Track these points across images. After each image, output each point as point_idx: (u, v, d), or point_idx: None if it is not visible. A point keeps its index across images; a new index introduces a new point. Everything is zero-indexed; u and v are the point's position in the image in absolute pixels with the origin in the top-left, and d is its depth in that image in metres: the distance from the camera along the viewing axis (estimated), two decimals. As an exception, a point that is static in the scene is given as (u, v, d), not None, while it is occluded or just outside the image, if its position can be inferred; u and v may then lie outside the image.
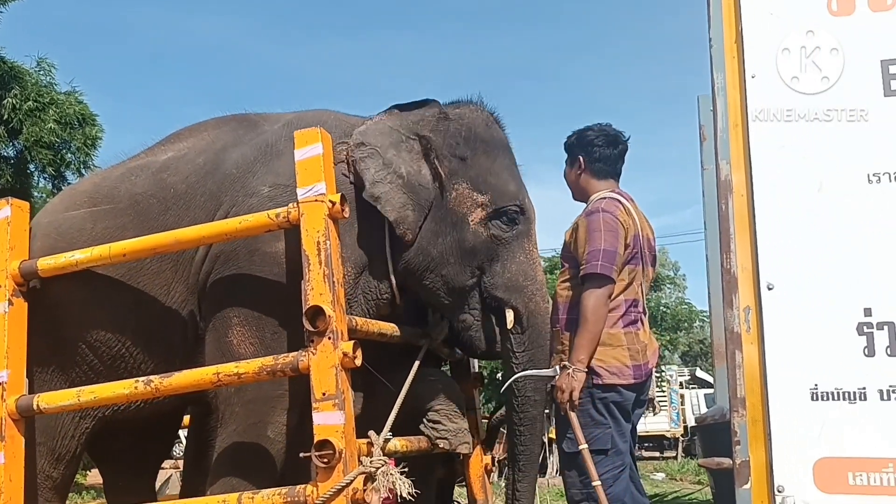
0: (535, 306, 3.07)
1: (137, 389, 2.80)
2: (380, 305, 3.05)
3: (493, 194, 3.02)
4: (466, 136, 3.08)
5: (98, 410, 3.19)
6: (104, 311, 3.15)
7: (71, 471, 3.30)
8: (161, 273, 3.08)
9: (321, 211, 2.64)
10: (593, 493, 2.83)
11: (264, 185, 2.97)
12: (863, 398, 1.98)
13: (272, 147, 3.08)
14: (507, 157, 3.18)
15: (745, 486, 2.03)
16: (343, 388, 2.55)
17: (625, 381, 2.94)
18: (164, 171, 3.23)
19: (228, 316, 2.92)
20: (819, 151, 2.10)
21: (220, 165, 3.12)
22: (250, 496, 2.61)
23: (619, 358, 2.94)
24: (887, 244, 2.02)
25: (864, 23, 2.14)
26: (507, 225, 3.04)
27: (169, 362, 3.08)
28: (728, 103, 2.19)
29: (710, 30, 2.21)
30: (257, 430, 2.86)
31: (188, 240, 2.87)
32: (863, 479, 1.95)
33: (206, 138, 3.32)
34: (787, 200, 2.09)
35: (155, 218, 3.11)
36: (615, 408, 2.95)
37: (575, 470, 2.93)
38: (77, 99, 11.33)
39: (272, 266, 2.89)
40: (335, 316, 2.57)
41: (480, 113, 3.20)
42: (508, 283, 3.04)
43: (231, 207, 2.99)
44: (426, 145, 3.03)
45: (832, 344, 2.01)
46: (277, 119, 3.30)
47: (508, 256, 3.05)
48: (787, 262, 2.06)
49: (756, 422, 2.04)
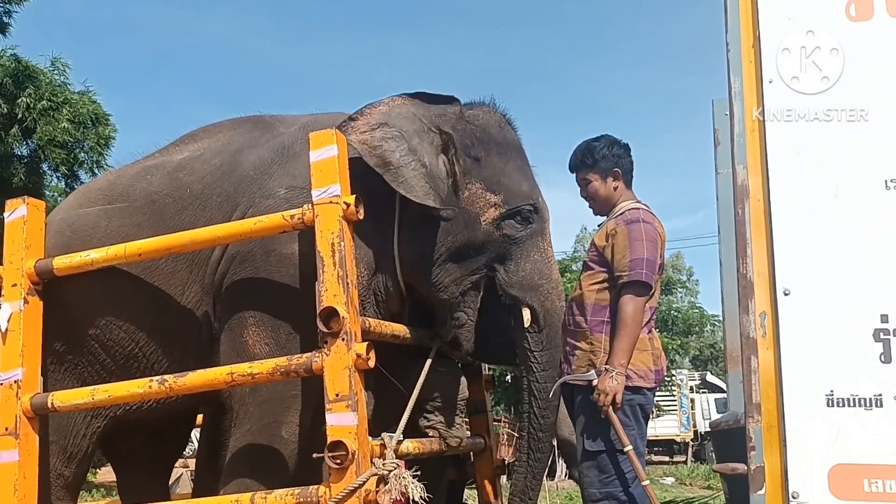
0: (551, 305, 3.09)
1: (152, 389, 2.81)
2: (389, 305, 3.06)
3: (505, 194, 3.03)
4: (481, 137, 3.09)
5: (110, 410, 3.21)
6: (118, 311, 3.16)
7: (83, 470, 3.31)
8: (176, 273, 3.09)
9: (336, 212, 2.65)
10: (613, 492, 2.93)
11: (281, 186, 2.98)
12: (879, 405, 1.97)
13: (289, 149, 3.09)
14: (519, 158, 3.20)
15: (760, 492, 2.03)
16: (356, 389, 2.55)
17: (649, 385, 3.05)
18: (181, 170, 3.24)
19: (244, 317, 2.93)
20: (836, 156, 2.09)
21: (237, 167, 3.14)
22: (263, 496, 2.62)
23: (644, 362, 3.03)
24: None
25: (882, 28, 2.13)
26: (521, 224, 3.05)
27: (183, 362, 3.09)
28: (745, 107, 2.19)
29: (728, 34, 2.21)
30: (271, 431, 2.87)
31: (203, 240, 2.89)
32: (878, 487, 1.95)
33: (222, 139, 3.34)
34: (803, 205, 2.09)
35: (171, 217, 3.12)
36: (639, 410, 3.03)
37: (596, 469, 2.98)
38: (91, 98, 11.41)
39: (288, 267, 2.90)
40: (349, 317, 2.57)
41: (494, 114, 3.22)
42: (524, 282, 3.06)
43: (248, 209, 3.00)
44: (446, 141, 3.04)
45: (848, 350, 2.00)
46: (293, 121, 3.32)
47: (523, 255, 3.07)
48: (804, 268, 2.06)
49: (771, 427, 2.03)
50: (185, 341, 3.14)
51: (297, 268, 2.88)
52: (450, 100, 3.16)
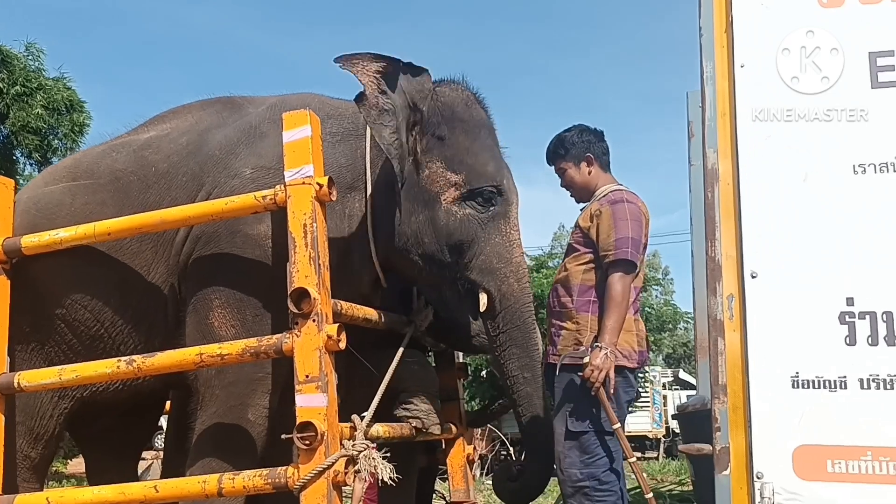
0: (507, 288, 3.00)
1: (120, 369, 2.78)
2: (363, 288, 3.04)
3: (467, 174, 2.97)
4: (446, 115, 3.03)
5: (76, 391, 3.17)
6: (83, 291, 3.12)
7: (49, 451, 3.28)
8: (141, 253, 3.06)
9: (308, 193, 2.63)
10: (595, 472, 2.96)
11: (247, 166, 2.95)
12: (843, 387, 1.99)
13: (255, 129, 3.06)
14: (487, 137, 3.12)
15: (725, 472, 2.04)
16: (327, 370, 2.54)
17: (632, 365, 3.08)
18: (146, 148, 3.20)
19: (209, 298, 2.90)
20: (805, 142, 2.11)
21: (203, 146, 3.10)
22: (231, 477, 2.60)
23: (629, 342, 3.08)
24: (870, 234, 2.03)
25: (854, 15, 2.15)
26: (483, 206, 2.98)
27: (148, 344, 3.06)
28: (717, 92, 2.20)
29: (701, 18, 2.22)
30: (238, 413, 2.85)
31: (174, 220, 2.85)
32: (841, 467, 1.97)
33: (190, 119, 3.30)
34: (772, 189, 2.10)
35: (135, 195, 3.08)
36: (621, 391, 3.05)
37: (577, 449, 2.98)
38: (65, 85, 11.30)
39: (254, 248, 2.87)
40: (320, 299, 2.56)
41: (462, 92, 3.14)
42: (482, 266, 2.99)
43: (213, 188, 2.97)
44: (419, 119, 3.00)
45: (814, 332, 2.02)
46: (262, 102, 3.28)
47: (483, 238, 2.99)
48: (772, 251, 2.07)
49: (737, 409, 2.05)
50: (151, 322, 3.10)
51: (263, 248, 2.86)
52: (426, 75, 3.06)
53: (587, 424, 2.97)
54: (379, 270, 3.04)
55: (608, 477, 2.97)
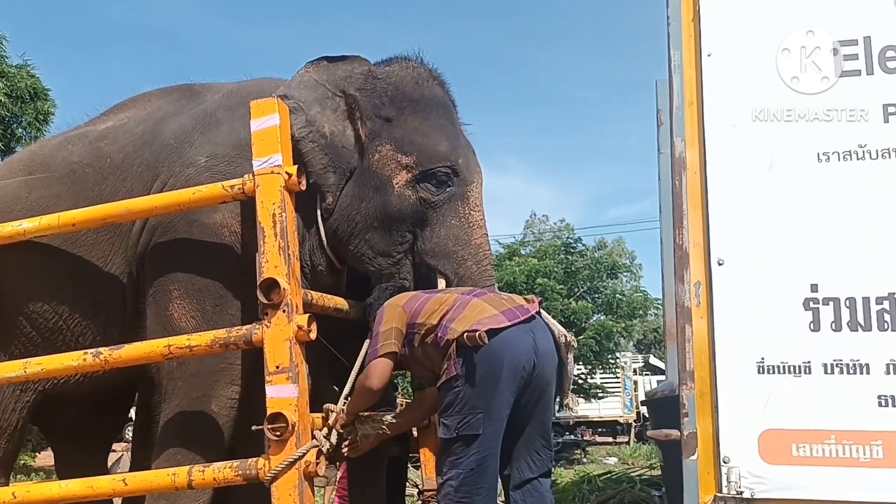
0: (465, 271, 2.89)
1: (86, 361, 2.74)
2: (317, 275, 2.97)
3: (418, 155, 2.87)
4: (393, 96, 2.94)
5: (38, 383, 3.13)
6: (40, 282, 3.09)
7: (14, 445, 3.24)
8: (98, 244, 3.02)
9: (277, 183, 2.60)
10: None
11: (202, 155, 2.91)
12: (807, 372, 2.03)
13: (211, 116, 3.02)
14: (441, 116, 2.98)
15: (692, 458, 2.07)
16: (297, 361, 2.53)
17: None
18: (102, 139, 3.16)
19: (168, 289, 2.86)
20: (771, 130, 2.14)
21: (158, 135, 3.06)
22: (201, 469, 2.58)
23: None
24: (834, 222, 2.07)
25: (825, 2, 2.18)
26: (437, 187, 2.88)
27: (106, 335, 3.02)
28: (684, 81, 2.22)
29: (669, 8, 2.24)
30: (201, 404, 2.82)
31: (141, 210, 2.82)
32: (806, 451, 2.00)
33: (148, 108, 3.26)
34: (738, 178, 2.13)
35: (90, 187, 3.04)
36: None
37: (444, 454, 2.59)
38: (29, 73, 11.07)
39: (211, 237, 2.83)
40: (290, 289, 2.54)
41: (413, 70, 3.03)
42: (437, 249, 2.89)
43: (168, 178, 2.93)
44: (351, 104, 2.90)
45: (779, 319, 2.05)
46: (220, 89, 3.24)
47: (439, 221, 2.90)
48: (738, 239, 2.10)
49: (704, 394, 2.08)
50: (108, 313, 3.07)
51: (220, 237, 2.82)
52: (355, 59, 3.01)
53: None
54: (333, 258, 2.97)
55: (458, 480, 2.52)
